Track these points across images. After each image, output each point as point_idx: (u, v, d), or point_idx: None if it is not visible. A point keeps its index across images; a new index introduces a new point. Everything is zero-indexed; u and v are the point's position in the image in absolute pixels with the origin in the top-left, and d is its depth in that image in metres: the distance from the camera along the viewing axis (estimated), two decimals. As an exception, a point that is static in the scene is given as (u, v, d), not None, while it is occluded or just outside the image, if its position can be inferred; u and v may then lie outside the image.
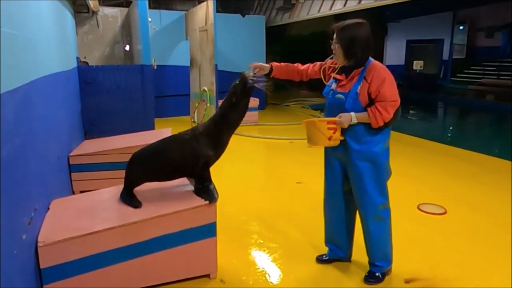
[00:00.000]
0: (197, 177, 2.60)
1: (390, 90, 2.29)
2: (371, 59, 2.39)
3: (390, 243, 2.56)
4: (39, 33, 2.85)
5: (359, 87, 2.34)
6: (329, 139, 2.37)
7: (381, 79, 2.29)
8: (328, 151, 2.61)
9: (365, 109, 2.34)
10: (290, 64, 2.73)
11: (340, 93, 2.42)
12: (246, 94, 2.50)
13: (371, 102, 2.33)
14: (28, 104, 2.25)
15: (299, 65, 2.72)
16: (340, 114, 2.35)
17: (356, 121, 2.34)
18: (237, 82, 2.50)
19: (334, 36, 2.38)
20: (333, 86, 2.49)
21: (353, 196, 2.54)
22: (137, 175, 2.60)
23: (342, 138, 2.41)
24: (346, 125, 2.35)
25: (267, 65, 2.66)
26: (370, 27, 2.34)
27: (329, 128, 2.35)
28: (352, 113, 2.34)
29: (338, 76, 2.48)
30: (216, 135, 2.54)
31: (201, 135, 2.54)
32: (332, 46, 2.42)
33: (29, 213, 2.07)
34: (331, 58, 2.53)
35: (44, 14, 3.17)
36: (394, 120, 2.36)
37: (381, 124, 2.31)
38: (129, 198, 2.58)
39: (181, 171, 2.62)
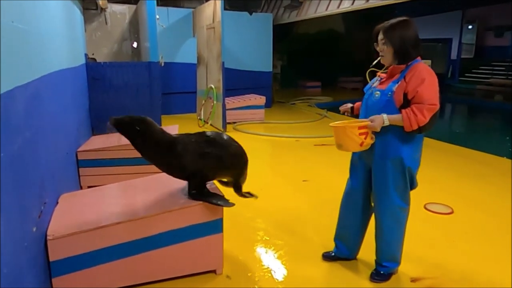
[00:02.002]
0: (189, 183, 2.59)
1: (429, 92, 2.13)
2: (419, 59, 2.24)
3: (401, 246, 2.53)
4: (48, 29, 2.87)
5: (396, 85, 2.21)
6: (361, 145, 2.22)
7: (421, 79, 2.14)
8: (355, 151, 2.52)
9: (399, 111, 2.21)
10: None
11: (378, 90, 2.32)
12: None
13: (406, 104, 2.19)
14: (38, 99, 2.28)
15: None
16: (372, 117, 2.23)
17: (388, 123, 2.20)
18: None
19: (380, 37, 2.27)
20: (375, 84, 2.40)
21: (373, 198, 2.49)
22: None
23: (373, 141, 2.27)
24: (378, 129, 2.21)
25: (350, 105, 2.68)
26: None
27: (360, 134, 2.19)
28: (384, 115, 2.20)
29: (382, 75, 2.38)
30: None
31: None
32: (378, 48, 2.29)
33: (39, 207, 2.10)
34: (378, 61, 2.38)
35: (54, 11, 3.19)
36: (430, 126, 2.18)
37: (415, 127, 2.14)
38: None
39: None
